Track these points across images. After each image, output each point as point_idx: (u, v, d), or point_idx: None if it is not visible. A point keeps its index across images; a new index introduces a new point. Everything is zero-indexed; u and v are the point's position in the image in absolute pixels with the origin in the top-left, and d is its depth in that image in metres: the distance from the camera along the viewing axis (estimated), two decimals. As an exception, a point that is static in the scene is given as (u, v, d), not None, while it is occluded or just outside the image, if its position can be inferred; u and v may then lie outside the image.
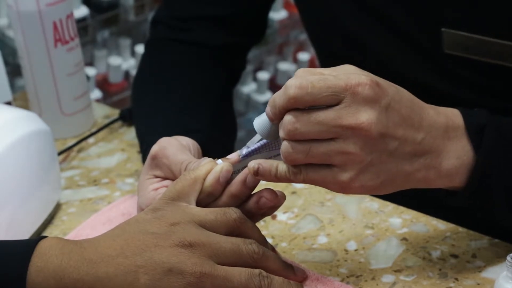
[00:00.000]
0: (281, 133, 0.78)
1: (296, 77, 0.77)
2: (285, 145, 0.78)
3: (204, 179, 0.82)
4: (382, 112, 0.77)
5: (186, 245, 0.77)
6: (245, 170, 0.82)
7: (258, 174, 0.81)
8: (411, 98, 0.81)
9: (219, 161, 0.84)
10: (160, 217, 0.79)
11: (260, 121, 0.81)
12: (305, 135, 0.77)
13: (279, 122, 0.79)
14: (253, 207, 0.83)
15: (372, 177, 0.79)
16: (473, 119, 0.82)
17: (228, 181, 0.83)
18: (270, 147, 0.83)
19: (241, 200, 0.83)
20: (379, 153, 0.78)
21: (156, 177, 0.90)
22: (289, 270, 0.84)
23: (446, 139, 0.81)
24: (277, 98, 0.78)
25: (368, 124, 0.77)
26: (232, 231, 0.80)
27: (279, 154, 0.81)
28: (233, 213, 0.81)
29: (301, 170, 0.79)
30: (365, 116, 0.77)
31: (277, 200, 0.83)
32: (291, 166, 0.80)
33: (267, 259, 0.80)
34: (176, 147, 0.89)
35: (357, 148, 0.77)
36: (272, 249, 0.86)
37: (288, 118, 0.77)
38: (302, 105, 0.77)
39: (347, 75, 0.77)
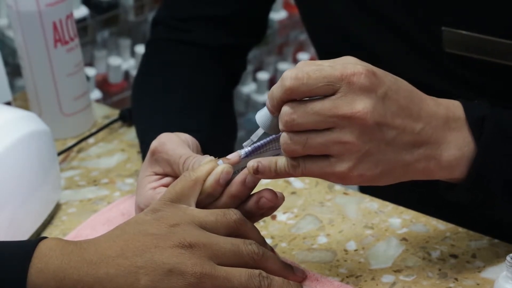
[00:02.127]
0: (280, 125, 0.79)
1: (293, 69, 0.78)
2: (283, 136, 0.79)
3: (204, 180, 0.83)
4: (378, 101, 0.77)
5: (186, 246, 0.77)
6: (245, 170, 0.82)
7: (258, 173, 0.81)
8: (410, 89, 0.81)
9: (220, 161, 0.84)
10: (160, 218, 0.79)
11: (262, 114, 0.81)
12: (302, 125, 0.78)
13: (279, 115, 0.79)
14: (253, 207, 0.83)
15: (371, 166, 0.79)
16: (474, 110, 0.82)
17: (228, 181, 0.83)
18: (268, 148, 0.83)
19: (241, 200, 0.84)
20: (377, 143, 0.78)
21: (156, 174, 0.90)
22: (288, 270, 0.84)
23: (446, 130, 0.81)
24: (275, 90, 0.79)
25: (364, 113, 0.77)
26: (232, 232, 0.81)
27: (277, 155, 0.81)
28: (233, 214, 0.81)
29: (300, 163, 0.80)
30: (360, 105, 0.77)
31: (277, 200, 0.83)
32: (290, 159, 0.80)
33: (267, 259, 0.80)
34: (175, 142, 0.90)
35: (354, 137, 0.77)
36: (271, 250, 0.86)
37: (285, 109, 0.78)
38: (299, 96, 0.78)
39: (344, 65, 0.78)
